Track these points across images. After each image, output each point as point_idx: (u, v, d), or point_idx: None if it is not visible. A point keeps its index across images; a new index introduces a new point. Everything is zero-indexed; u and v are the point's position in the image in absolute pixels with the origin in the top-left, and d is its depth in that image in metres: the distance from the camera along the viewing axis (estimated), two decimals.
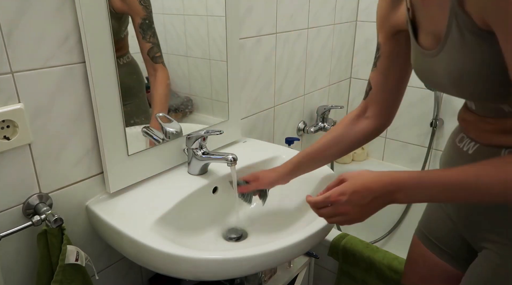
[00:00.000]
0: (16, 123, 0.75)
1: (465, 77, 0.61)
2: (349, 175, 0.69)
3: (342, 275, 1.35)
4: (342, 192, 0.67)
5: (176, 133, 1.05)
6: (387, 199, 0.66)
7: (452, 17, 0.57)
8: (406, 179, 0.64)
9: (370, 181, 0.66)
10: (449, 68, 0.62)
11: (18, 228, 0.77)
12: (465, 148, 0.74)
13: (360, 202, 0.66)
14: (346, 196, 0.67)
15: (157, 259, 0.77)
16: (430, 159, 1.84)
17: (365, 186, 0.66)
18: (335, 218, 0.70)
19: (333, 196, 0.68)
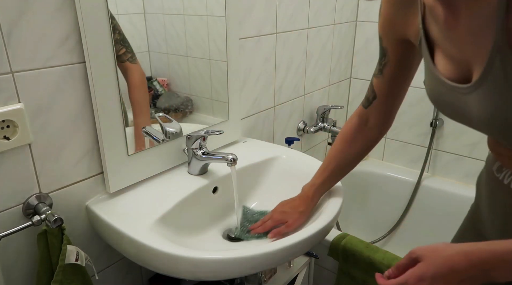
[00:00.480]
0: (16, 123, 0.75)
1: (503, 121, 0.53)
2: (423, 254, 0.58)
3: (342, 275, 1.35)
4: (420, 277, 0.56)
5: (176, 133, 1.05)
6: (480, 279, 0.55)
7: (495, 53, 0.49)
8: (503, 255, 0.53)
9: (454, 260, 0.55)
10: (484, 108, 0.54)
11: (18, 228, 0.77)
12: (506, 181, 0.66)
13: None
14: (426, 282, 0.56)
15: (157, 259, 0.77)
16: (430, 159, 1.84)
17: (449, 268, 0.55)
18: None
19: (410, 282, 0.57)
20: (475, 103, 0.55)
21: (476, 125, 0.59)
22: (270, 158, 1.15)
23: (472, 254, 0.55)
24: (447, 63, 0.59)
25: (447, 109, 0.63)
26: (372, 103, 0.82)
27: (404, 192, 1.87)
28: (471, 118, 0.58)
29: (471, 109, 0.57)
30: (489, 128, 0.57)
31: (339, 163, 0.91)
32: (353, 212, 1.95)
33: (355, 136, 0.88)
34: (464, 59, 0.55)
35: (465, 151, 1.73)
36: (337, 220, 0.96)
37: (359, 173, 1.95)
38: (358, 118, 0.87)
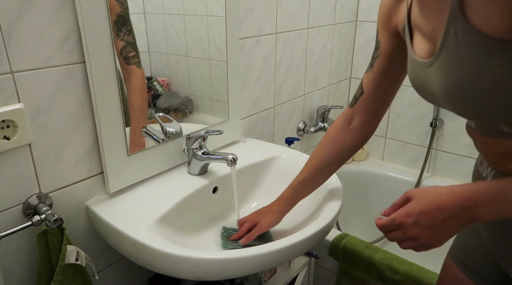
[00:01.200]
0: (16, 123, 0.75)
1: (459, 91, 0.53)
2: (415, 193, 0.61)
3: (342, 275, 1.35)
4: (407, 213, 0.60)
5: (176, 133, 1.05)
6: (464, 217, 0.56)
7: (451, 22, 0.50)
8: (485, 190, 0.55)
9: (440, 198, 0.58)
10: (441, 79, 0.55)
11: (18, 228, 0.77)
12: (484, 174, 0.68)
13: (430, 223, 0.58)
14: (412, 217, 0.59)
15: (157, 259, 0.77)
16: (430, 159, 1.84)
17: (435, 205, 0.58)
18: (406, 243, 0.62)
19: (398, 218, 0.61)
20: (435, 76, 0.57)
21: (439, 100, 0.60)
22: (270, 158, 1.15)
23: (457, 191, 0.57)
24: (422, 43, 0.61)
25: (420, 88, 0.64)
26: (358, 100, 0.82)
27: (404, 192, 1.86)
28: (435, 92, 0.59)
29: (433, 83, 0.58)
30: (447, 102, 0.57)
31: (319, 164, 0.89)
32: (353, 212, 1.95)
33: (337, 137, 0.86)
34: (432, 35, 0.57)
35: (465, 151, 1.73)
36: (337, 220, 0.96)
37: (359, 173, 1.95)
38: (343, 118, 0.86)
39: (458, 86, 0.53)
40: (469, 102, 0.54)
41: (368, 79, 0.79)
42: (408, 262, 1.21)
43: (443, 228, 0.58)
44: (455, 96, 0.55)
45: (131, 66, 0.90)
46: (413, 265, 1.19)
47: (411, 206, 0.60)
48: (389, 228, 0.63)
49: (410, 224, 0.59)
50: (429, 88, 0.60)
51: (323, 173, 0.90)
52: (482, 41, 0.47)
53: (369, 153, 2.05)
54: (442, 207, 0.57)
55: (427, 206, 0.58)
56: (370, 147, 2.03)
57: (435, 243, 0.60)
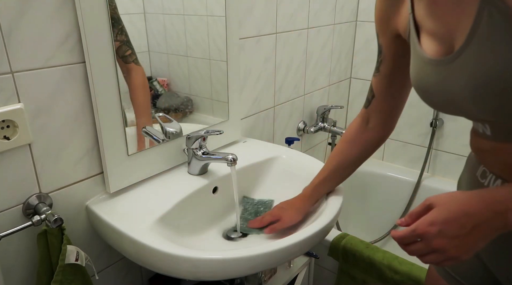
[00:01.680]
0: (16, 123, 0.75)
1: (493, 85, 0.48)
2: (438, 200, 0.54)
3: (342, 275, 1.35)
4: (431, 222, 0.53)
5: (176, 133, 1.05)
6: (496, 224, 0.51)
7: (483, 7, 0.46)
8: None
9: (468, 203, 0.52)
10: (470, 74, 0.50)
11: (18, 228, 0.77)
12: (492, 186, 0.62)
13: (458, 233, 0.51)
14: (437, 226, 0.52)
15: (157, 259, 0.77)
16: (430, 159, 1.84)
17: (462, 211, 0.52)
18: (430, 257, 0.55)
19: (420, 228, 0.53)
20: (460, 72, 0.52)
21: (462, 103, 0.55)
22: (270, 158, 1.15)
23: (486, 195, 0.52)
24: (431, 43, 0.57)
25: (430, 92, 0.60)
26: (371, 103, 0.82)
27: (404, 192, 1.87)
28: (456, 94, 0.54)
29: (455, 82, 0.53)
30: (476, 101, 0.52)
31: (339, 164, 0.91)
32: (353, 212, 1.95)
33: (356, 137, 0.87)
34: (448, 34, 0.54)
35: (465, 151, 1.72)
36: (337, 220, 0.96)
37: (359, 173, 1.94)
38: (360, 119, 0.87)
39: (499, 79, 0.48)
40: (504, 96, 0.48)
41: (377, 83, 0.79)
42: (408, 262, 1.21)
43: (473, 237, 0.51)
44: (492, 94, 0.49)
45: (129, 64, 0.91)
46: (413, 265, 1.19)
47: (434, 214, 0.53)
48: (409, 240, 0.56)
49: (435, 234, 0.52)
50: (446, 89, 0.55)
51: (343, 172, 0.92)
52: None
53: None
54: (471, 213, 0.51)
55: (454, 213, 0.52)
56: None
57: (464, 255, 0.53)
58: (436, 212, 0.53)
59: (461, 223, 0.51)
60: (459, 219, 0.51)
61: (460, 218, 0.51)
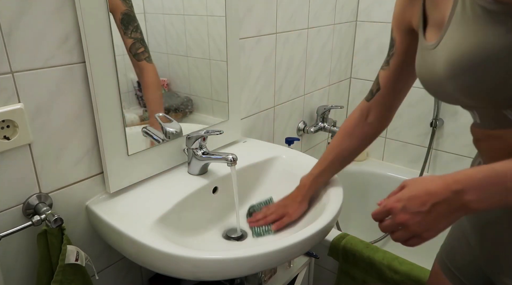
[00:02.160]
0: (16, 123, 0.75)
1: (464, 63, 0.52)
2: (409, 181, 0.60)
3: (342, 275, 1.35)
4: (398, 198, 0.58)
5: (176, 133, 1.05)
6: (454, 203, 0.53)
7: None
8: (475, 173, 0.52)
9: (431, 183, 0.56)
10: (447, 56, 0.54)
11: (18, 228, 0.77)
12: None
13: (419, 209, 0.55)
14: (402, 202, 0.57)
15: (157, 259, 0.77)
16: (430, 159, 1.84)
17: (424, 189, 0.56)
18: (397, 233, 0.60)
19: (388, 203, 0.60)
20: (441, 55, 0.55)
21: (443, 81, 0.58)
22: (270, 158, 1.15)
23: (448, 176, 0.55)
24: (432, 32, 0.61)
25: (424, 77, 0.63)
26: (374, 96, 0.84)
27: None
28: (438, 73, 0.57)
29: (438, 63, 0.56)
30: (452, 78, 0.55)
31: (338, 155, 0.93)
32: (353, 212, 1.95)
33: (354, 130, 0.90)
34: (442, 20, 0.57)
35: (465, 151, 1.73)
36: (337, 220, 0.96)
37: (359, 173, 1.95)
38: (359, 112, 0.89)
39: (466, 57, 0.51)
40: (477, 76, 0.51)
41: (384, 76, 0.81)
42: (408, 262, 1.21)
43: (433, 215, 0.55)
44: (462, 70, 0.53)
45: (141, 62, 0.92)
46: (413, 265, 1.19)
47: (402, 192, 0.59)
48: (381, 216, 0.62)
49: (399, 209, 0.58)
50: (434, 71, 0.59)
51: (341, 164, 0.95)
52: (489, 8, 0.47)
53: (369, 153, 2.05)
54: (431, 191, 0.55)
55: (417, 191, 0.57)
56: (370, 147, 2.02)
57: (425, 233, 0.57)
58: (404, 190, 0.59)
59: (422, 200, 0.55)
60: (421, 196, 0.56)
61: (422, 196, 0.56)
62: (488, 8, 0.48)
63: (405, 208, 0.57)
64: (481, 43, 0.49)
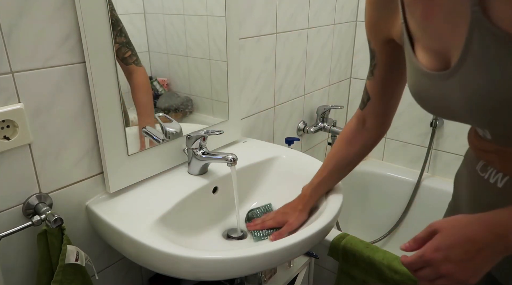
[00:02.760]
0: (16, 123, 0.75)
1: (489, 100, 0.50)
2: (441, 225, 0.57)
3: (342, 275, 1.35)
4: (436, 247, 0.55)
5: (176, 133, 1.05)
6: (498, 247, 0.52)
7: (474, 29, 0.47)
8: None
9: (470, 229, 0.53)
10: (467, 91, 0.52)
11: (18, 228, 0.77)
12: (492, 180, 0.63)
13: (463, 257, 0.53)
14: (442, 252, 0.54)
15: (157, 259, 0.77)
16: (430, 159, 1.84)
17: (465, 237, 0.53)
18: (439, 281, 0.56)
19: (426, 254, 0.56)
20: (457, 88, 0.53)
21: (460, 115, 0.57)
22: (270, 158, 1.15)
23: (488, 220, 0.53)
24: (427, 56, 0.58)
25: (430, 103, 0.62)
26: (367, 105, 0.83)
27: (404, 192, 1.87)
28: (454, 106, 0.56)
29: (453, 96, 0.55)
30: (473, 114, 0.54)
31: (338, 163, 0.92)
32: (353, 212, 1.95)
33: (353, 137, 0.89)
34: (443, 49, 0.54)
35: (465, 151, 1.73)
36: (337, 220, 0.96)
37: (359, 173, 1.95)
38: (356, 120, 0.88)
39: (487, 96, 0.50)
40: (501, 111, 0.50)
41: (372, 86, 0.80)
42: None
43: (478, 261, 0.53)
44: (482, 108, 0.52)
45: (130, 66, 0.91)
46: None
47: (439, 239, 0.55)
48: (418, 266, 0.58)
49: (441, 259, 0.54)
50: (444, 102, 0.57)
51: (342, 172, 0.94)
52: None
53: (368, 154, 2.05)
54: (473, 238, 0.53)
55: (458, 238, 0.54)
56: None
57: (471, 279, 0.54)
58: (440, 237, 0.55)
59: (466, 248, 0.53)
60: (463, 244, 0.53)
61: (464, 243, 0.53)
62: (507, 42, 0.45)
63: (448, 258, 0.54)
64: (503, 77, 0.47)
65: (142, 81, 0.96)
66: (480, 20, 0.46)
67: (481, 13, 0.46)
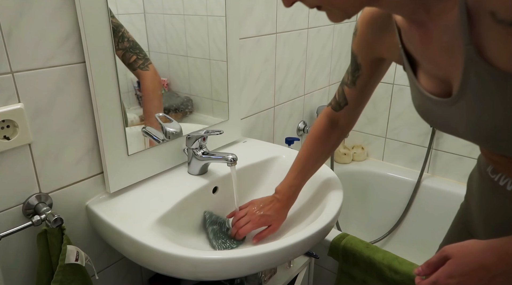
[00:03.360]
0: (16, 123, 0.75)
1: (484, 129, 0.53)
2: (453, 251, 0.58)
3: (342, 275, 1.35)
4: (449, 274, 0.56)
5: (176, 133, 1.05)
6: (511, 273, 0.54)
7: (470, 66, 0.49)
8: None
9: (483, 256, 0.55)
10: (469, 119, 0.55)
11: (18, 228, 0.77)
12: (502, 183, 0.66)
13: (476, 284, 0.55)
14: (456, 279, 0.56)
15: (157, 259, 0.77)
16: (430, 159, 1.84)
17: (479, 264, 0.55)
18: None
19: (440, 280, 0.57)
20: (459, 115, 0.56)
21: (465, 136, 0.60)
22: (270, 158, 1.15)
23: (500, 248, 0.54)
24: (428, 79, 0.60)
25: (437, 122, 0.64)
26: (343, 108, 0.86)
27: (404, 192, 1.87)
28: (460, 130, 0.59)
29: (457, 121, 0.57)
30: (476, 138, 0.58)
31: (313, 161, 0.95)
32: (353, 212, 1.95)
33: (326, 136, 0.92)
34: (443, 74, 0.56)
35: (465, 151, 1.73)
36: (337, 220, 0.96)
37: (359, 173, 1.95)
38: (327, 119, 0.91)
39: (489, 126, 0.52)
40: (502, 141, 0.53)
41: (352, 94, 0.83)
42: (408, 262, 1.21)
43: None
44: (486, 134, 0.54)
45: (136, 71, 0.91)
46: (413, 265, 1.19)
47: (451, 266, 0.57)
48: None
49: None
50: (452, 125, 0.60)
51: (314, 168, 0.97)
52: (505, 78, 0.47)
53: (369, 153, 2.05)
54: (487, 266, 0.54)
55: (471, 266, 0.55)
56: (370, 147, 2.03)
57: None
58: (453, 264, 0.57)
59: (479, 276, 0.54)
60: (477, 271, 0.55)
61: (477, 271, 0.55)
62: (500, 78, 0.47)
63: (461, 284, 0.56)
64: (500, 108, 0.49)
65: (146, 86, 0.96)
66: (474, 58, 0.48)
67: (474, 52, 0.48)
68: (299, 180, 0.95)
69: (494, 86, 0.49)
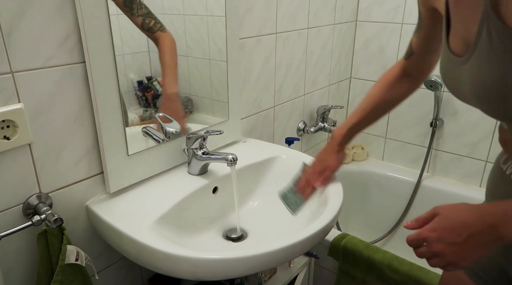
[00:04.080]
0: (16, 123, 0.75)
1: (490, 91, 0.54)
2: (442, 209, 0.61)
3: (342, 275, 1.35)
4: (432, 228, 0.60)
5: (176, 133, 1.05)
6: (489, 235, 0.55)
7: (484, 21, 0.51)
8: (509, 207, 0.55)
9: (465, 214, 0.58)
10: (473, 79, 0.56)
11: (18, 228, 0.77)
12: (508, 172, 0.68)
13: (454, 240, 0.57)
14: (437, 232, 0.59)
15: (157, 259, 0.77)
16: (430, 159, 1.84)
17: (459, 221, 0.58)
18: (433, 260, 0.61)
19: (423, 232, 0.60)
20: (467, 75, 0.57)
21: (470, 100, 0.61)
22: (270, 158, 1.15)
23: (483, 210, 0.57)
24: (456, 42, 0.61)
25: (450, 84, 0.66)
26: (410, 57, 0.86)
27: (404, 192, 1.87)
28: (465, 91, 0.60)
29: (464, 82, 0.58)
30: (481, 100, 0.58)
31: (377, 106, 0.93)
32: (353, 212, 1.95)
33: (396, 82, 0.91)
34: (467, 34, 0.57)
35: (465, 151, 1.73)
36: (337, 220, 0.96)
37: (359, 173, 1.95)
38: (399, 67, 0.90)
39: (488, 86, 0.53)
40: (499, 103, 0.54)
41: (416, 42, 0.83)
42: (408, 262, 1.21)
43: (468, 246, 0.57)
44: (485, 97, 0.55)
45: (156, 33, 0.94)
46: (413, 265, 1.19)
47: (436, 221, 0.60)
48: (416, 243, 0.62)
49: (435, 239, 0.59)
50: (459, 86, 0.61)
51: (376, 116, 0.95)
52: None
53: (369, 153, 2.05)
54: (467, 223, 0.57)
55: (453, 222, 0.58)
56: (370, 147, 2.03)
57: (461, 262, 0.58)
58: (438, 219, 0.60)
59: (458, 231, 0.57)
60: (457, 228, 0.57)
61: (457, 227, 0.57)
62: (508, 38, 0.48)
63: (441, 238, 0.58)
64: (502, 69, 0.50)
65: (168, 43, 0.99)
66: (489, 14, 0.49)
67: (490, 8, 0.49)
68: (356, 120, 0.94)
69: (502, 45, 0.49)
